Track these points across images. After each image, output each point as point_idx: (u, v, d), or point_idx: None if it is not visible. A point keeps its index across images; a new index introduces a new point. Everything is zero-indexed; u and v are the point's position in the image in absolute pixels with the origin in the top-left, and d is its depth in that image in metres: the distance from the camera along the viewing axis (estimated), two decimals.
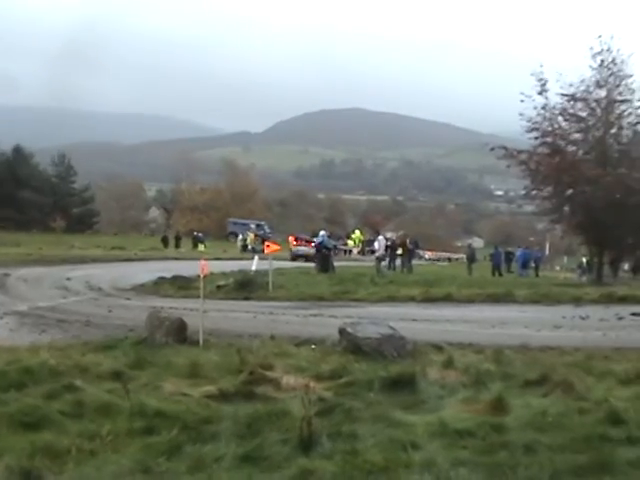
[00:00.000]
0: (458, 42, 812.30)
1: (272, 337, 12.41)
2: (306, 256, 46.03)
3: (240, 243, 62.14)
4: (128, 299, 20.51)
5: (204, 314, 11.65)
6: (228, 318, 15.90)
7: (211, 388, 7.77)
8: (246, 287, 22.19)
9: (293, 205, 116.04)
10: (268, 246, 24.76)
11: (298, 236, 63.08)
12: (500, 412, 7.06)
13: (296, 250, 51.68)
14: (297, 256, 48.77)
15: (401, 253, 40.77)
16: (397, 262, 40.93)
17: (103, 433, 6.00)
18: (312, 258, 39.10)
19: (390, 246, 41.19)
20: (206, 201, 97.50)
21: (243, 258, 40.37)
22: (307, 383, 7.84)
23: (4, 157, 79.50)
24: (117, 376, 8.26)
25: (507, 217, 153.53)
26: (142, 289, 23.23)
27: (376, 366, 9.12)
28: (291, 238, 65.28)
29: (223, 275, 25.32)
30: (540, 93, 31.82)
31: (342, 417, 6.72)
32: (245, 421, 6.49)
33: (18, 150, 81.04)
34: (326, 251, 34.91)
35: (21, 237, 49.93)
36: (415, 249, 45.83)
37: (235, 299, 20.57)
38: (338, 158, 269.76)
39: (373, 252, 46.33)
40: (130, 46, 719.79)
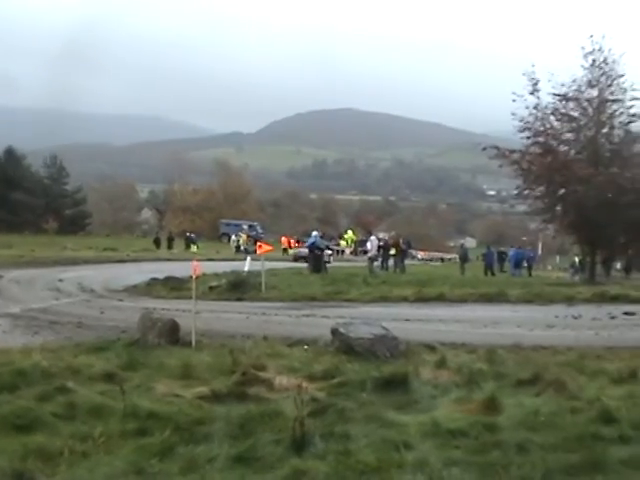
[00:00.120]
0: (450, 42, 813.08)
1: (265, 338, 12.43)
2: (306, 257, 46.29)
3: (234, 244, 62.05)
4: (120, 300, 20.46)
5: (197, 315, 11.65)
6: (221, 319, 15.88)
7: (204, 389, 7.77)
8: (239, 288, 22.16)
9: (286, 205, 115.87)
10: (260, 247, 24.74)
11: (299, 238, 64.19)
12: (493, 412, 7.08)
13: (298, 251, 51.98)
14: (300, 257, 48.92)
15: (394, 253, 40.76)
16: (390, 262, 40.92)
17: (95, 435, 5.99)
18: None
19: (383, 246, 41.21)
20: (199, 202, 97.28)
21: (236, 259, 40.30)
22: (300, 383, 7.82)
23: None
24: (109, 378, 8.26)
25: (499, 217, 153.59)
26: (134, 290, 23.18)
27: (369, 366, 9.14)
28: (284, 239, 65.50)
29: (216, 276, 25.30)
30: (532, 93, 31.92)
31: (335, 417, 6.72)
32: (238, 422, 6.50)
33: (10, 152, 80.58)
34: (318, 251, 34.87)
35: (13, 239, 49.65)
36: (408, 249, 45.86)
37: (228, 300, 20.55)
38: (330, 158, 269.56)
39: (366, 252, 46.39)
40: (126, 47, 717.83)
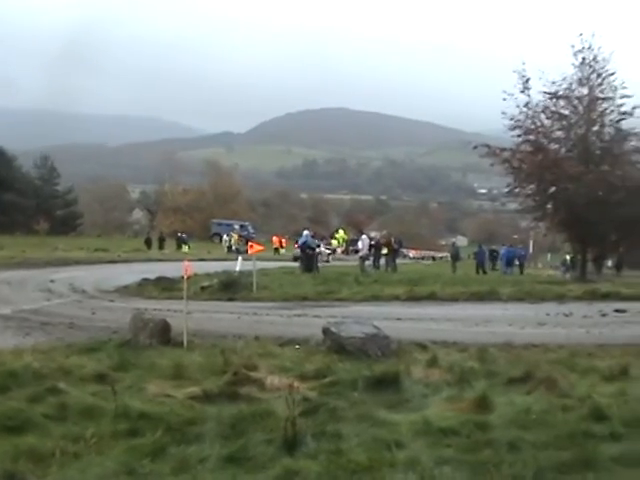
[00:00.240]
0: (441, 42, 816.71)
1: (256, 338, 12.43)
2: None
3: (226, 244, 62.01)
4: (112, 301, 20.40)
5: (188, 315, 11.63)
6: (212, 319, 15.86)
7: (195, 389, 7.76)
8: (230, 288, 22.12)
9: (276, 205, 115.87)
10: (251, 246, 24.70)
11: (291, 237, 64.10)
12: (484, 410, 7.09)
13: (297, 252, 52.11)
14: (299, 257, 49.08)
15: (386, 252, 40.74)
16: (381, 261, 40.91)
17: (87, 436, 5.98)
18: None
19: (374, 245, 41.18)
20: (189, 202, 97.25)
21: (227, 259, 40.24)
22: (291, 383, 7.82)
23: None
24: (101, 378, 8.25)
25: (491, 215, 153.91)
26: (126, 291, 23.11)
27: (360, 365, 9.14)
28: (275, 238, 65.57)
29: (207, 276, 25.25)
30: (522, 91, 32.06)
31: (326, 417, 6.72)
32: (229, 422, 6.50)
33: (1, 153, 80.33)
34: (310, 251, 34.81)
35: (4, 240, 49.42)
36: (399, 248, 45.86)
37: (219, 300, 20.53)
38: (321, 158, 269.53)
39: (357, 251, 46.34)
40: (121, 49, 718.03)
